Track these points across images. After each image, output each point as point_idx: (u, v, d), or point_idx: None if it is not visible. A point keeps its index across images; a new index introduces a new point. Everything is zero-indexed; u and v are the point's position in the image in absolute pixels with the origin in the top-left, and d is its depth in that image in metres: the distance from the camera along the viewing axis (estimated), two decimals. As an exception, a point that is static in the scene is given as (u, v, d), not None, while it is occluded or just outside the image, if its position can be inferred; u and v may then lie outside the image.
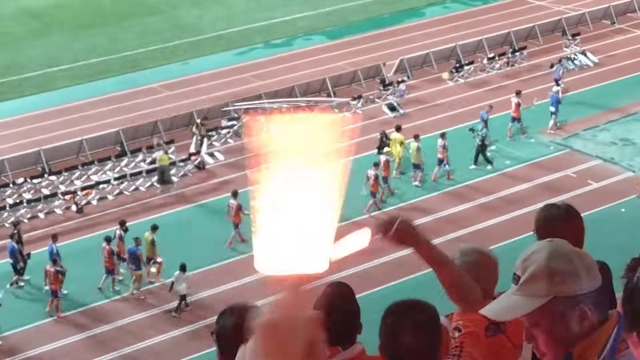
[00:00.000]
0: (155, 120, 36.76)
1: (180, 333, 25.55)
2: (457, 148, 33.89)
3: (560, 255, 3.24)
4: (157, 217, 30.96)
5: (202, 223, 30.89)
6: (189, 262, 27.16)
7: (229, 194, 30.22)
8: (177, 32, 48.62)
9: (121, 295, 27.75)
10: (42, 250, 28.68)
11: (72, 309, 27.09)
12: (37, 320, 26.75)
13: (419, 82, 41.86)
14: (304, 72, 42.49)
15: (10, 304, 27.00)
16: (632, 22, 49.15)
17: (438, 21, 50.01)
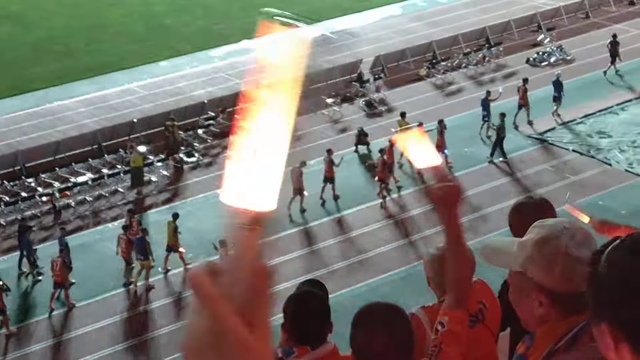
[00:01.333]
0: (133, 121, 36.67)
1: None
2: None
3: (551, 245, 3.26)
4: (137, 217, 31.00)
5: (185, 221, 30.78)
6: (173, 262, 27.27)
7: (209, 192, 30.26)
8: (153, 32, 48.50)
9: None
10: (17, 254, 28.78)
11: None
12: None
13: (395, 78, 41.92)
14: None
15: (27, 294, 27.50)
16: (607, 15, 49.41)
17: (414, 17, 50.09)
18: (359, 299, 21.54)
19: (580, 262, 3.15)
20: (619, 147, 35.12)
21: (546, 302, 3.22)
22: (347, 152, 34.15)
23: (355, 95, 40.01)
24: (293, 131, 1.68)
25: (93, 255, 29.01)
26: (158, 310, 26.73)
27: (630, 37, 45.69)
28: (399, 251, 28.45)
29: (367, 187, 32.49)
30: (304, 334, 5.45)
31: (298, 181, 30.35)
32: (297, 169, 30.28)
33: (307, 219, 30.84)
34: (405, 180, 32.65)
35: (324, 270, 27.28)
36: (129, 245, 27.86)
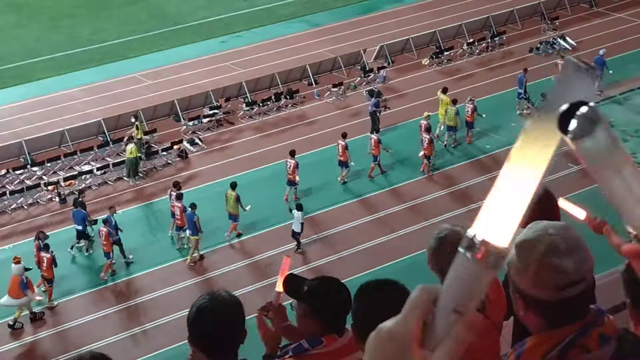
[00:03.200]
0: (137, 110, 36.78)
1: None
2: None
3: (527, 250, 3.16)
4: (142, 205, 31.12)
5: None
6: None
7: (213, 182, 30.42)
8: (157, 21, 48.59)
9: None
10: (26, 241, 28.86)
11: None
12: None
13: (399, 68, 42.01)
14: (285, 60, 42.58)
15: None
16: (611, 5, 49.38)
17: (417, 7, 50.13)
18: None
19: (556, 270, 3.11)
20: (622, 136, 35.16)
21: (522, 305, 3.19)
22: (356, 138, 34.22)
23: (359, 84, 40.09)
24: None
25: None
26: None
27: (633, 26, 45.68)
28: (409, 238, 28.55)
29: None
30: (333, 324, 5.50)
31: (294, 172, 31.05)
32: (292, 162, 30.99)
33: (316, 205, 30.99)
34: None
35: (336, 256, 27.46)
36: (109, 239, 27.86)
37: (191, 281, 27.16)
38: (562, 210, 6.37)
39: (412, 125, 35.19)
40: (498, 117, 35.93)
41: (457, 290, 1.72)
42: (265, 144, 35.46)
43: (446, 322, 1.73)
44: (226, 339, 5.12)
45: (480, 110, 35.34)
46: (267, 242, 28.92)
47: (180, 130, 36.36)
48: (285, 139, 35.62)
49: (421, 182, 32.46)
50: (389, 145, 33.60)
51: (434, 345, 1.73)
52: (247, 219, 29.70)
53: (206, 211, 29.69)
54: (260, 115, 37.67)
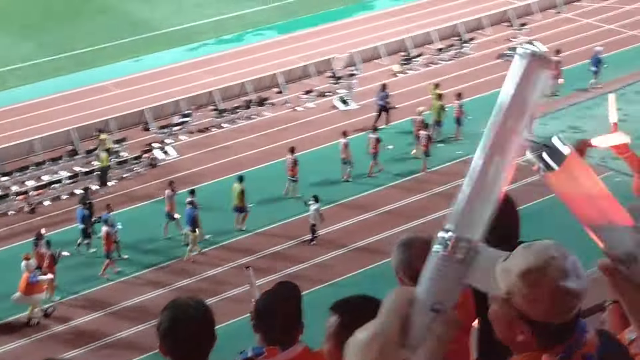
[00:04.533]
0: (107, 119, 36.64)
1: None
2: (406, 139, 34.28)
3: (538, 277, 3.04)
4: (114, 214, 31.02)
5: (160, 219, 30.81)
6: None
7: (183, 190, 30.35)
8: (127, 29, 48.39)
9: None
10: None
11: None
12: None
13: (369, 75, 42.06)
14: (255, 67, 42.54)
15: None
16: (578, 10, 49.70)
17: (387, 14, 50.21)
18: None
19: (569, 294, 3.05)
20: (592, 141, 35.32)
21: (528, 331, 3.11)
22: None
23: (330, 91, 40.12)
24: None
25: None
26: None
27: (601, 32, 45.98)
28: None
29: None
30: (273, 335, 5.52)
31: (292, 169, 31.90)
32: (290, 158, 31.80)
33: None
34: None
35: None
36: (109, 239, 28.27)
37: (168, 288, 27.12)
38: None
39: (382, 131, 35.27)
40: (469, 122, 36.08)
41: (433, 289, 1.73)
42: (236, 151, 35.41)
43: (425, 321, 1.74)
44: (196, 346, 5.10)
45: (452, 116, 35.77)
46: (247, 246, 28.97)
47: (150, 139, 36.24)
48: (255, 147, 35.62)
49: (396, 189, 32.56)
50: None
51: (414, 345, 1.74)
52: (223, 225, 29.80)
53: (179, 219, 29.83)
54: (231, 122, 37.62)
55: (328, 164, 33.07)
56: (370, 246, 28.70)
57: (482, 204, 1.74)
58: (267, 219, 30.70)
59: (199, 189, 30.94)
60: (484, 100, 37.18)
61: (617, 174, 31.01)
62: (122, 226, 28.80)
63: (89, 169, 33.68)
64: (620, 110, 31.91)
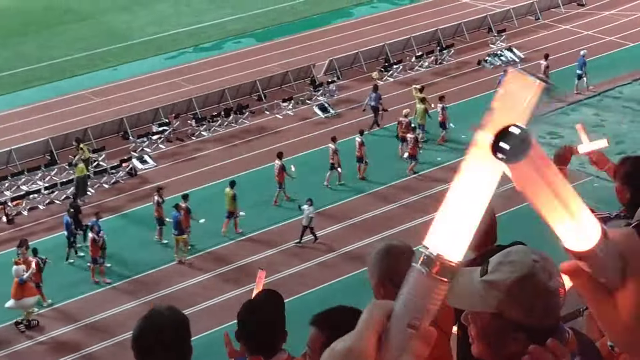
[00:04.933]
0: (85, 128, 36.53)
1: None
2: (385, 148, 34.30)
3: (530, 284, 3.08)
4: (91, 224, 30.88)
5: (137, 228, 30.73)
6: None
7: (165, 198, 30.32)
8: (106, 38, 48.30)
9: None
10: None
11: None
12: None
13: (348, 82, 42.12)
14: (235, 75, 42.53)
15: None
16: (556, 17, 49.92)
17: (366, 21, 50.32)
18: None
19: (557, 293, 3.10)
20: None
21: (523, 339, 3.10)
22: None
23: (309, 99, 40.13)
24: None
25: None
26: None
27: (579, 37, 46.20)
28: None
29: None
30: (255, 344, 5.48)
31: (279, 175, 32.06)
32: (278, 164, 32.02)
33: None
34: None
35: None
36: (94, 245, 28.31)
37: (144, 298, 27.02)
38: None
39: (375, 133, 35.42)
40: (450, 129, 36.26)
41: (411, 305, 1.70)
42: (215, 159, 35.37)
43: (401, 337, 1.71)
44: (168, 356, 5.00)
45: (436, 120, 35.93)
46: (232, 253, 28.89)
47: (129, 148, 36.16)
48: (235, 155, 35.61)
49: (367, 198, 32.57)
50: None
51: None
52: (203, 233, 29.72)
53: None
54: (210, 131, 37.57)
55: (308, 170, 32.99)
56: (351, 254, 28.68)
57: (466, 221, 1.70)
58: (248, 227, 30.68)
59: (173, 199, 30.84)
60: (464, 107, 37.36)
61: (596, 179, 31.23)
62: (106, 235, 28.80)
63: (68, 178, 33.51)
64: (598, 116, 32.06)
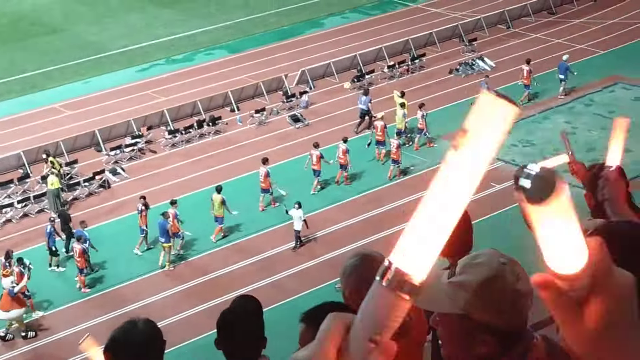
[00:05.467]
0: (58, 141, 36.38)
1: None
2: (365, 155, 34.38)
3: (497, 285, 3.10)
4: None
5: (113, 240, 30.58)
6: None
7: (136, 212, 30.23)
8: (77, 50, 48.14)
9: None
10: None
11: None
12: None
13: (321, 92, 42.17)
14: (207, 87, 42.49)
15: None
16: (527, 25, 50.20)
17: (337, 31, 50.41)
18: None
19: (524, 296, 3.11)
20: (542, 154, 35.63)
21: (491, 341, 3.12)
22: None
23: (282, 109, 40.14)
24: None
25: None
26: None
27: (550, 46, 46.44)
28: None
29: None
30: (236, 352, 5.48)
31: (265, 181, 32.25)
32: (264, 170, 32.18)
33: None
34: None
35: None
36: (83, 255, 28.30)
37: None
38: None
39: (334, 149, 35.38)
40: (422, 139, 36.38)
41: (373, 319, 1.69)
42: (189, 171, 35.30)
43: (361, 351, 1.70)
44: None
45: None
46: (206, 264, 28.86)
47: (102, 160, 36.05)
48: (208, 166, 35.54)
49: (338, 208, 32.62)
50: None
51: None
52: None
53: (130, 241, 29.69)
54: (183, 142, 37.51)
55: (284, 181, 32.95)
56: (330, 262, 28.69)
57: (432, 239, 1.69)
58: (224, 238, 30.70)
59: (158, 208, 30.79)
60: (435, 116, 37.47)
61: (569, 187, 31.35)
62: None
63: (42, 191, 33.34)
64: (570, 124, 32.22)
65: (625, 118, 5.76)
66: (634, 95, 40.78)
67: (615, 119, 6.03)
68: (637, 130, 36.58)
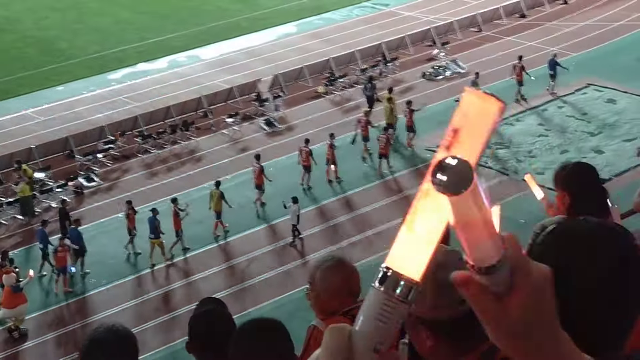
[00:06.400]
0: (30, 147, 36.20)
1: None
2: (344, 157, 34.47)
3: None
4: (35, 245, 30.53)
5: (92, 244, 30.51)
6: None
7: (109, 217, 30.13)
8: (48, 56, 47.93)
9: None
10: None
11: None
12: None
13: (294, 96, 42.14)
14: (179, 92, 42.39)
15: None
16: (499, 29, 50.37)
17: (310, 35, 50.41)
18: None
19: (449, 285, 3.06)
20: (516, 157, 35.78)
21: (430, 335, 3.14)
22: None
23: (255, 114, 40.11)
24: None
25: None
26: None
27: (522, 48, 46.60)
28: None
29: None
30: (212, 354, 5.47)
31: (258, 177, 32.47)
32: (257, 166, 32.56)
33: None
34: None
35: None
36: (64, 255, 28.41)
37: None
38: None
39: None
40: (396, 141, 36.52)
41: (374, 328, 1.68)
42: (162, 177, 35.22)
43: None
44: None
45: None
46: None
47: (75, 166, 35.89)
48: (181, 171, 35.49)
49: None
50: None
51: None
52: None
53: (105, 247, 29.61)
54: (156, 148, 37.40)
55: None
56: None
57: (425, 241, 1.70)
58: (197, 243, 30.61)
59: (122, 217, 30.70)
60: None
61: (541, 188, 31.48)
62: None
63: (15, 198, 33.15)
64: (542, 126, 32.37)
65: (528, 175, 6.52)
66: (606, 98, 41.00)
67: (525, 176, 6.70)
68: (608, 132, 37.28)
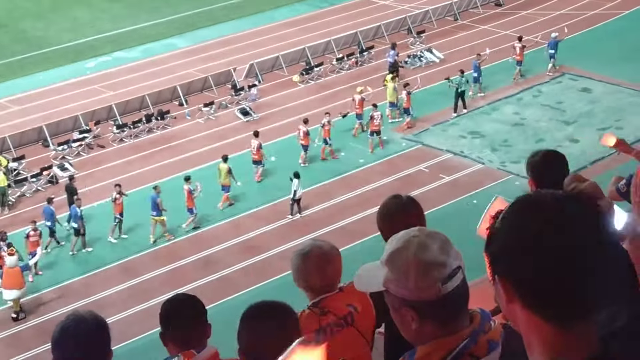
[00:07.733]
0: (4, 137, 35.99)
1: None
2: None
3: (400, 257, 3.12)
4: (12, 234, 30.34)
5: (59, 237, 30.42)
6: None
7: (85, 206, 30.00)
8: (22, 45, 47.66)
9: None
10: None
11: None
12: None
13: (270, 85, 42.10)
14: (155, 81, 42.24)
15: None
16: (474, 17, 50.50)
17: (286, 24, 50.34)
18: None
19: (431, 265, 3.08)
20: (491, 146, 35.87)
21: (415, 316, 3.11)
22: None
23: (230, 103, 40.02)
24: None
25: None
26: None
27: (497, 38, 46.72)
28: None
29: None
30: (187, 338, 5.46)
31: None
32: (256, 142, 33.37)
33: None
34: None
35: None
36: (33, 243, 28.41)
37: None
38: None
39: (286, 142, 35.46)
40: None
41: None
42: (137, 166, 35.10)
43: None
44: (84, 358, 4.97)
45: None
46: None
47: (50, 156, 35.72)
48: (157, 161, 35.38)
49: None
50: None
51: None
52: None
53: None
54: (132, 137, 37.26)
55: (236, 174, 32.85)
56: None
57: None
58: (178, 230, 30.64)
59: (98, 207, 30.63)
60: (384, 109, 37.58)
61: (517, 177, 31.67)
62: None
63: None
64: (518, 115, 32.47)
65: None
66: (580, 86, 41.17)
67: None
68: (583, 121, 37.44)
